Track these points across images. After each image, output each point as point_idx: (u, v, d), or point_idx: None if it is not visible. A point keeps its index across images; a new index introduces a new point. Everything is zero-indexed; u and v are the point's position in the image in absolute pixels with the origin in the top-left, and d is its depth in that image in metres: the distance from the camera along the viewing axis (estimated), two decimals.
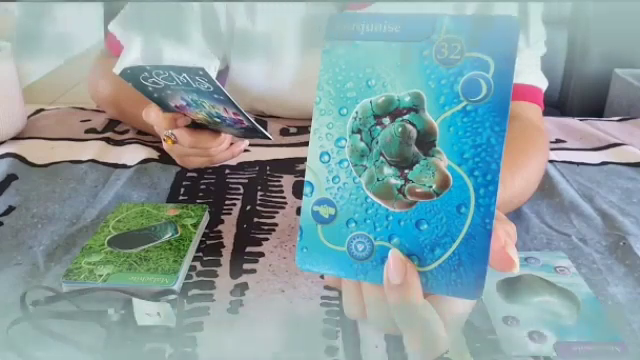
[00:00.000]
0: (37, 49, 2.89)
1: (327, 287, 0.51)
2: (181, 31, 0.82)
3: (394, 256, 0.31)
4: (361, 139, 0.32)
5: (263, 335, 0.46)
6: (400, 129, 0.31)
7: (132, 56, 0.81)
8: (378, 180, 0.32)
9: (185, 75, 0.56)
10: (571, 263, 0.54)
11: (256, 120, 0.66)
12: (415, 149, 0.31)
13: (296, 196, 0.67)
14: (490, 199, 0.30)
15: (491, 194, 0.30)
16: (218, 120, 0.63)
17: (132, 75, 0.58)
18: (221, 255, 0.56)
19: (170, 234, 0.56)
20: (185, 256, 0.53)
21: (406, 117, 0.31)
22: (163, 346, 0.45)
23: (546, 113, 0.78)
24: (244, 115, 0.60)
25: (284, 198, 0.67)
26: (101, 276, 0.50)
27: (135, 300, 0.46)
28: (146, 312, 0.46)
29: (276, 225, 0.61)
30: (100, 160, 0.75)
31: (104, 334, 0.45)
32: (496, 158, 0.30)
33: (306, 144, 0.33)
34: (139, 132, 0.84)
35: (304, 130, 0.85)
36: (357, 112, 0.32)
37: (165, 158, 0.74)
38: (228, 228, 0.61)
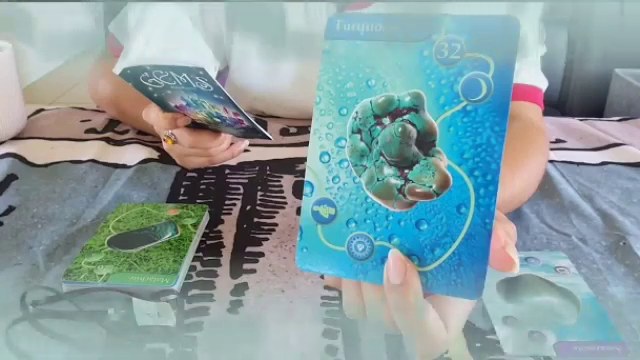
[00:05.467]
0: (37, 49, 2.89)
1: (327, 287, 0.51)
2: (181, 31, 0.82)
3: (394, 256, 0.31)
4: (361, 139, 0.32)
5: (263, 335, 0.46)
6: (400, 129, 0.31)
7: (132, 56, 0.81)
8: (378, 180, 0.32)
9: (185, 75, 0.56)
10: (571, 263, 0.54)
11: (256, 120, 0.66)
12: (415, 149, 0.31)
13: (296, 196, 0.67)
14: (490, 199, 0.30)
15: (491, 194, 0.30)
16: (218, 120, 0.63)
17: (132, 75, 0.58)
18: (221, 255, 0.56)
19: (170, 234, 0.56)
20: (185, 256, 0.53)
21: (406, 117, 0.31)
22: (163, 346, 0.45)
23: (546, 113, 0.78)
24: (244, 115, 0.60)
25: (284, 198, 0.67)
26: (101, 276, 0.50)
27: (135, 300, 0.46)
28: (146, 312, 0.46)
29: (276, 225, 0.61)
30: (100, 160, 0.75)
31: (104, 334, 0.45)
32: (496, 158, 0.30)
33: (306, 144, 0.33)
34: (139, 132, 0.84)
35: (304, 130, 0.85)
36: (357, 112, 0.32)
37: (165, 158, 0.74)
38: (228, 228, 0.61)
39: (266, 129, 0.72)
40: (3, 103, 0.78)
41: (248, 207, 0.65)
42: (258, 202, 0.66)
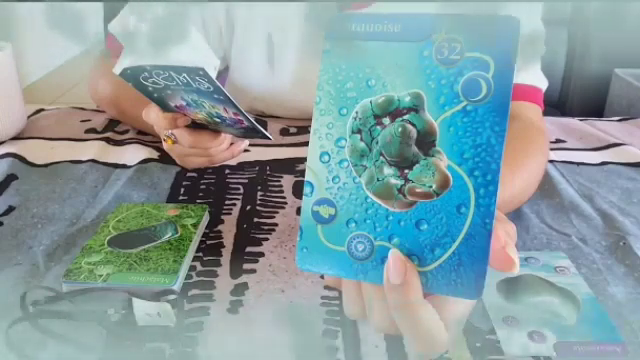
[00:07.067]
0: (37, 49, 2.89)
1: (327, 287, 0.51)
2: (181, 31, 0.82)
3: (394, 256, 0.31)
4: (361, 139, 0.32)
5: (263, 335, 0.46)
6: (400, 129, 0.31)
7: (132, 56, 0.81)
8: (378, 180, 0.32)
9: (185, 75, 0.56)
10: (571, 263, 0.54)
11: (256, 120, 0.66)
12: (415, 149, 0.31)
13: (296, 196, 0.67)
14: (490, 199, 0.30)
15: (491, 194, 0.30)
16: (218, 120, 0.63)
17: (132, 75, 0.58)
18: (221, 255, 0.56)
19: (170, 234, 0.56)
20: (185, 256, 0.53)
21: (406, 117, 0.31)
22: (163, 346, 0.45)
23: (546, 113, 0.78)
24: (244, 115, 0.60)
25: (284, 198, 0.67)
26: (101, 276, 0.50)
27: (135, 300, 0.46)
28: (146, 312, 0.46)
29: (276, 225, 0.61)
30: (100, 160, 0.75)
31: (104, 334, 0.45)
32: (496, 158, 0.30)
33: (306, 144, 0.33)
34: (139, 132, 0.84)
35: (304, 130, 0.85)
36: (357, 112, 0.32)
37: (165, 158, 0.74)
38: (228, 228, 0.61)
39: (266, 129, 0.72)
40: (3, 103, 0.78)
41: (248, 207, 0.65)
42: (258, 202, 0.66)
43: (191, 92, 0.58)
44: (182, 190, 0.69)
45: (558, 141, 0.84)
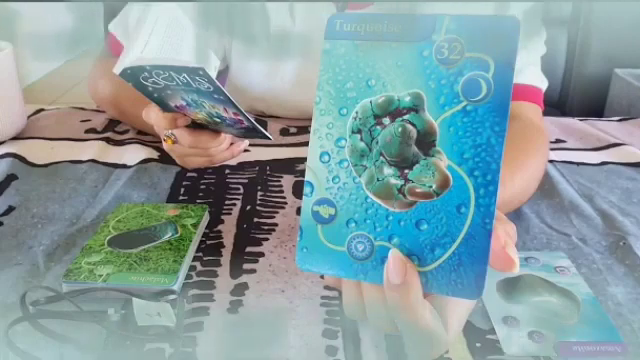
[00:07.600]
0: (37, 49, 2.89)
1: (327, 287, 0.51)
2: (181, 30, 0.82)
3: (394, 256, 0.31)
4: (361, 139, 0.32)
5: (263, 335, 0.46)
6: (400, 129, 0.31)
7: (132, 56, 0.81)
8: (378, 180, 0.32)
9: (185, 75, 0.56)
10: (571, 263, 0.54)
11: (256, 120, 0.66)
12: (415, 149, 0.31)
13: (296, 196, 0.67)
14: (490, 199, 0.30)
15: (491, 194, 0.30)
16: (218, 120, 0.63)
17: (132, 75, 0.58)
18: (221, 255, 0.56)
19: (170, 234, 0.56)
20: (185, 256, 0.53)
21: (406, 117, 0.31)
22: (163, 346, 0.45)
23: (546, 113, 0.78)
24: (244, 115, 0.60)
25: (284, 198, 0.67)
26: (101, 276, 0.50)
27: (135, 300, 0.46)
28: (146, 312, 0.46)
29: (276, 225, 0.61)
30: (100, 160, 0.75)
31: (104, 334, 0.45)
32: (496, 158, 0.30)
33: (306, 144, 0.33)
34: (139, 132, 0.84)
35: (304, 130, 0.85)
36: (357, 112, 0.32)
37: (165, 158, 0.74)
38: (228, 228, 0.61)
39: (266, 129, 0.72)
40: (3, 103, 0.78)
41: (248, 207, 0.65)
42: (258, 202, 0.66)
43: (191, 92, 0.58)
44: (182, 190, 0.69)
45: (558, 141, 0.84)
